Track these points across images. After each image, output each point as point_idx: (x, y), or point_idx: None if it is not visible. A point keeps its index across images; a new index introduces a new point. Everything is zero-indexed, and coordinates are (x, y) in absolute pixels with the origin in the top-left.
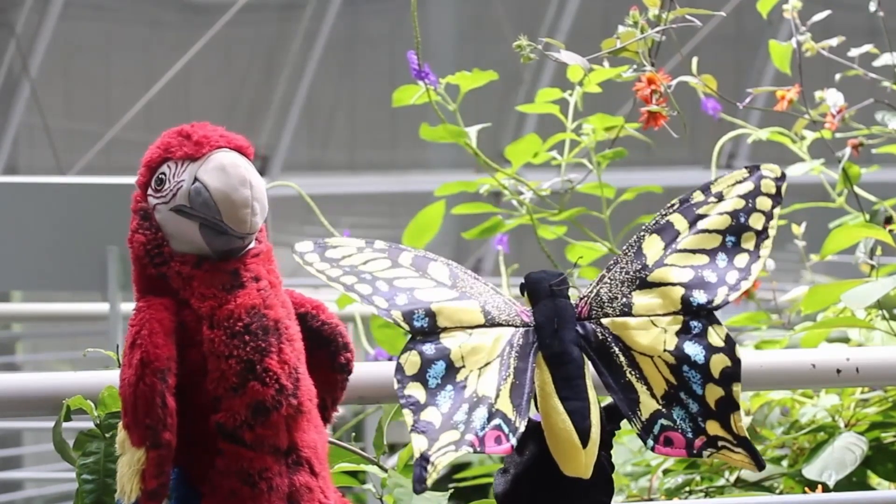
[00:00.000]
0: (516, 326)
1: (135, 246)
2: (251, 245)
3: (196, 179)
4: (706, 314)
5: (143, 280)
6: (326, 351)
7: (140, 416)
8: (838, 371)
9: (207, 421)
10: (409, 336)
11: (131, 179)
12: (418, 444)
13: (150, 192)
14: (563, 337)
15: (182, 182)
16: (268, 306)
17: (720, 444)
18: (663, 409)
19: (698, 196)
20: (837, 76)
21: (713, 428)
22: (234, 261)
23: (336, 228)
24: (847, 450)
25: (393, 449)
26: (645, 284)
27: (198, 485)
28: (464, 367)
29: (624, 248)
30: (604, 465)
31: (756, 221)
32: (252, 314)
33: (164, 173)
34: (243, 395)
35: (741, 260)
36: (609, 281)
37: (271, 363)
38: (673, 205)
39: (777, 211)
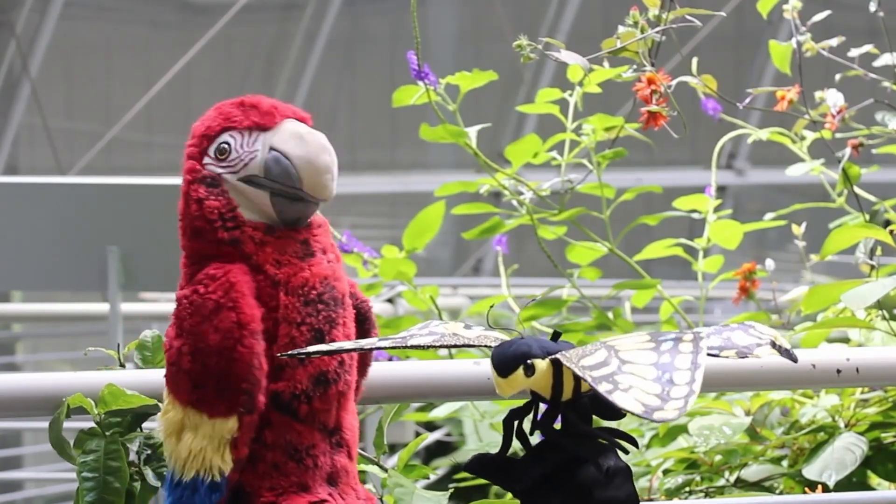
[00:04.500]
0: None
1: (206, 211)
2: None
3: (272, 149)
4: None
5: (209, 247)
6: (360, 329)
7: (236, 382)
8: (838, 371)
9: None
10: None
11: (131, 179)
12: None
13: (208, 161)
14: None
15: (255, 152)
16: (337, 278)
17: None
18: None
19: None
20: (837, 76)
21: None
22: (304, 230)
23: (336, 228)
24: (847, 450)
25: (393, 449)
26: None
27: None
28: None
29: None
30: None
31: None
32: (325, 284)
33: (226, 143)
34: (309, 365)
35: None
36: None
37: (337, 335)
38: None
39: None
